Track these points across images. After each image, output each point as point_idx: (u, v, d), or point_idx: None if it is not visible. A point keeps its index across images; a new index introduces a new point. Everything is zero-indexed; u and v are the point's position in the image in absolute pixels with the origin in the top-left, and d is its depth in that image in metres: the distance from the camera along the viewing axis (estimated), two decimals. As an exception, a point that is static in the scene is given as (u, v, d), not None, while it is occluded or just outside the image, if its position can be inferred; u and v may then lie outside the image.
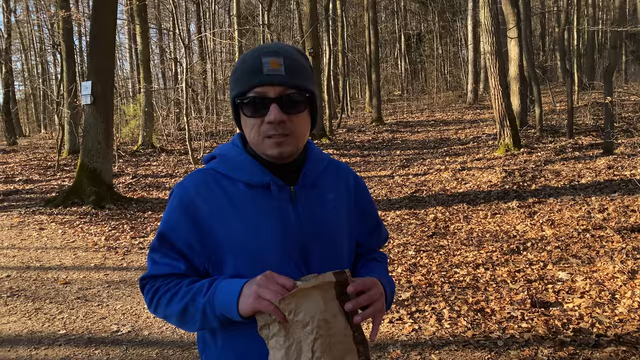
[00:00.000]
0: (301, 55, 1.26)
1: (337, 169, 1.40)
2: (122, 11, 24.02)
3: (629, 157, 9.65)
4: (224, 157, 1.30)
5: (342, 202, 1.34)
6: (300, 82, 1.20)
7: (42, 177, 12.02)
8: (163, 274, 1.27)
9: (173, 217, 1.26)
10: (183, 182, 1.30)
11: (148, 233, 6.99)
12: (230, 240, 1.21)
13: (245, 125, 1.24)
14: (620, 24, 10.30)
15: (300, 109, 1.21)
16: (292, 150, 1.22)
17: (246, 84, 1.19)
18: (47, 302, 4.65)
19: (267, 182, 1.23)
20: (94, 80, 8.76)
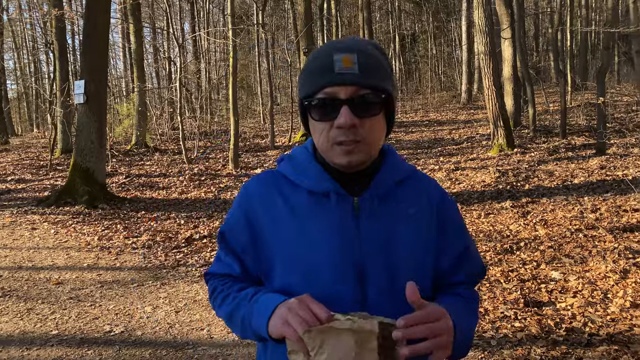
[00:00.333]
0: (378, 52, 1.14)
1: (420, 181, 1.23)
2: (115, 10, 23.92)
3: (621, 157, 9.70)
4: (292, 160, 1.22)
5: (420, 220, 1.17)
6: (376, 81, 1.08)
7: (35, 177, 11.95)
8: (220, 274, 1.25)
9: (232, 217, 1.23)
10: (249, 181, 1.25)
11: (141, 233, 6.96)
12: (281, 250, 1.14)
13: (314, 130, 1.13)
14: (612, 26, 10.35)
15: (375, 112, 1.08)
16: (363, 158, 1.10)
17: (315, 84, 1.08)
18: (39, 302, 4.62)
19: (327, 191, 1.13)
20: (87, 79, 8.72)
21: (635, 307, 3.82)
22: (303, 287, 1.07)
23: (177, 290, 4.86)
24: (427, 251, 1.16)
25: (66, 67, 15.69)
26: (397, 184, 1.18)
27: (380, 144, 1.15)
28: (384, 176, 1.16)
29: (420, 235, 1.15)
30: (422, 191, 1.20)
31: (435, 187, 1.24)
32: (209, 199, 9.02)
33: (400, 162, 1.23)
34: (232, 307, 1.16)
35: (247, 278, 1.22)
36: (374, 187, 1.14)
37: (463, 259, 1.23)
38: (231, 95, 12.15)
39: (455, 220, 1.24)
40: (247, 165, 12.18)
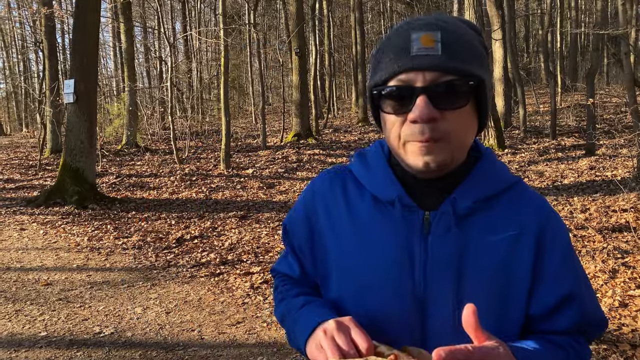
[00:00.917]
0: (469, 28, 0.93)
1: (522, 198, 0.97)
2: (106, 9, 23.78)
3: (610, 158, 9.79)
4: (363, 158, 1.06)
5: (510, 250, 0.92)
6: (463, 64, 0.86)
7: (24, 177, 11.84)
8: (282, 273, 1.16)
9: (295, 212, 1.12)
10: (318, 176, 1.11)
11: (132, 233, 6.92)
12: (338, 258, 1.00)
13: (385, 125, 0.94)
14: (602, 27, 10.43)
15: (461, 103, 0.87)
16: (443, 160, 0.88)
17: (387, 70, 0.89)
18: (28, 303, 4.58)
19: (392, 199, 0.95)
20: (76, 78, 8.66)
21: (624, 307, 3.85)
22: (355, 304, 0.96)
23: (167, 291, 4.83)
24: (513, 293, 0.92)
25: (56, 66, 15.58)
26: (488, 199, 0.95)
27: (469, 143, 0.93)
28: (470, 187, 0.94)
29: (506, 270, 0.92)
30: (520, 212, 0.95)
31: (540, 208, 0.97)
32: (200, 199, 8.98)
33: (499, 170, 0.99)
34: (284, 313, 1.07)
35: (306, 281, 1.11)
36: (454, 200, 0.92)
37: (565, 307, 0.95)
38: (222, 95, 12.12)
39: (559, 256, 0.95)
40: (238, 166, 12.15)
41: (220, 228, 7.07)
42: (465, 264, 0.91)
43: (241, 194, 9.34)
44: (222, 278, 5.14)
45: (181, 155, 13.34)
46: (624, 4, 8.96)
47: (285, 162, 12.37)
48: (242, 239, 6.50)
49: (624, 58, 8.64)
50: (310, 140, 15.63)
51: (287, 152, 13.72)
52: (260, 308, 4.37)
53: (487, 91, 0.91)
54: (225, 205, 8.48)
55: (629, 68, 8.54)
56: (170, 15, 28.15)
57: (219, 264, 5.56)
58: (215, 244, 6.33)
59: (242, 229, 7.01)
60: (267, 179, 10.61)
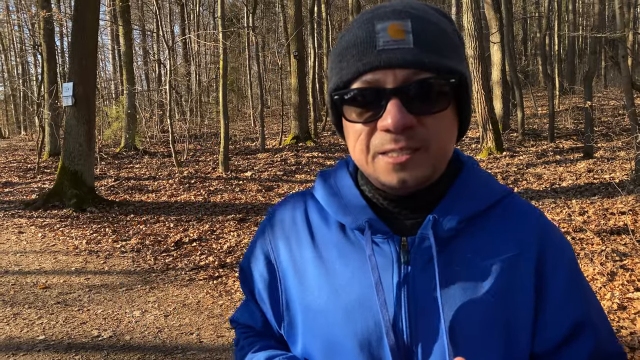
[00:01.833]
0: (441, 16, 0.77)
1: (514, 214, 0.81)
2: (105, 12, 23.82)
3: (608, 160, 9.80)
4: (325, 179, 0.88)
5: (501, 277, 0.76)
6: (441, 58, 0.71)
7: (22, 180, 11.83)
8: (242, 324, 0.98)
9: (251, 250, 0.94)
10: (274, 206, 0.95)
11: (130, 237, 6.91)
12: (302, 304, 0.83)
13: (348, 135, 0.78)
14: (599, 31, 10.47)
15: (441, 106, 0.72)
16: (423, 174, 0.74)
17: (350, 69, 0.73)
18: (26, 307, 4.57)
19: (362, 226, 0.79)
20: (75, 81, 8.66)
21: (623, 310, 3.85)
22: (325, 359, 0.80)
23: (166, 294, 4.83)
24: (517, 326, 0.77)
25: (54, 69, 15.57)
26: (475, 216, 0.79)
27: (450, 151, 0.77)
28: (453, 204, 0.78)
29: (506, 300, 0.76)
30: (515, 229, 0.80)
31: (537, 223, 0.82)
32: (199, 202, 8.98)
33: (485, 182, 0.83)
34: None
35: (270, 332, 0.93)
36: (435, 221, 0.77)
37: (577, 337, 0.79)
38: (221, 98, 12.12)
39: (565, 280, 0.79)
40: (237, 168, 12.14)
41: (219, 231, 7.07)
42: (457, 298, 0.75)
43: (240, 196, 9.34)
44: (220, 281, 5.13)
45: (180, 158, 13.34)
46: (621, 8, 9.00)
47: (284, 165, 12.37)
48: (241, 242, 6.49)
49: (621, 61, 8.67)
50: (309, 143, 15.63)
51: (286, 154, 13.73)
52: (258, 311, 4.36)
53: (469, 90, 0.76)
54: (224, 208, 8.47)
55: (627, 71, 8.56)
56: (169, 18, 28.17)
57: (217, 267, 5.56)
58: (214, 247, 6.32)
59: (241, 231, 7.01)
60: (265, 181, 10.61)
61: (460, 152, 0.87)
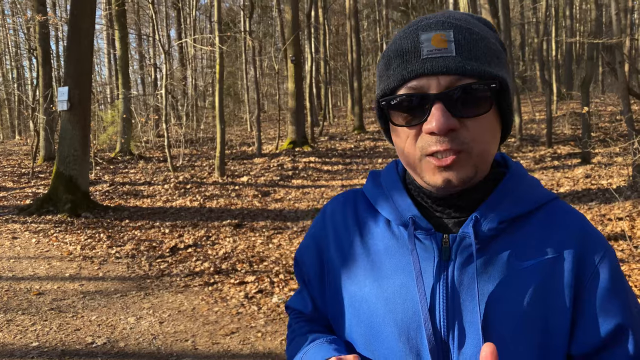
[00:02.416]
0: (483, 25, 0.83)
1: (557, 219, 0.84)
2: (101, 16, 23.80)
3: (605, 166, 9.81)
4: (375, 178, 0.95)
5: (539, 278, 0.79)
6: (482, 65, 0.76)
7: (16, 185, 11.75)
8: (295, 309, 1.06)
9: (305, 242, 1.02)
10: (329, 201, 1.01)
11: (125, 242, 6.85)
12: (349, 296, 0.89)
13: (396, 139, 0.83)
14: (596, 36, 10.49)
15: (483, 109, 0.76)
16: (466, 175, 0.78)
17: (396, 77, 0.79)
18: (20, 313, 4.51)
19: (407, 222, 0.84)
20: (70, 85, 8.61)
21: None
22: (363, 346, 0.86)
23: (161, 300, 4.77)
24: (553, 327, 0.79)
25: (50, 73, 15.52)
26: (516, 218, 0.82)
27: (492, 153, 0.82)
28: (495, 205, 0.81)
29: (543, 300, 0.79)
30: (556, 233, 0.82)
31: (579, 228, 0.83)
32: (195, 208, 8.92)
33: (529, 186, 0.86)
34: (292, 354, 0.96)
35: (320, 318, 1.00)
36: (477, 220, 0.80)
37: (616, 343, 0.80)
38: (217, 102, 12.09)
39: (605, 285, 0.81)
40: (233, 173, 12.10)
41: (215, 237, 7.01)
42: (493, 295, 0.78)
43: (236, 202, 9.29)
44: (216, 287, 5.08)
45: (175, 163, 13.28)
46: (617, 14, 9.01)
47: (280, 170, 12.33)
48: (237, 248, 6.44)
49: (618, 67, 8.67)
50: (306, 147, 15.61)
51: (283, 159, 13.69)
52: (254, 318, 4.31)
53: (510, 94, 0.82)
54: (220, 214, 8.43)
55: (623, 77, 8.57)
56: (165, 23, 28.17)
57: (213, 273, 5.51)
58: (210, 253, 6.27)
59: (237, 237, 6.96)
60: (262, 186, 10.57)
61: (509, 158, 0.91)
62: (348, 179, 11.44)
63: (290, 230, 7.26)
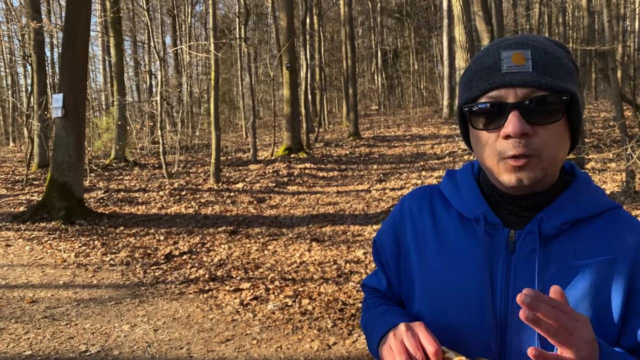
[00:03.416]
0: (557, 47, 0.93)
1: (618, 225, 0.91)
2: (96, 23, 23.78)
3: (599, 172, 9.85)
4: (452, 176, 1.08)
5: (594, 276, 0.87)
6: (555, 80, 0.87)
7: (10, 192, 11.69)
8: (370, 286, 1.18)
9: (383, 228, 1.14)
10: (407, 194, 1.13)
11: (120, 249, 6.82)
12: (421, 277, 1.01)
13: (476, 143, 0.94)
14: (589, 43, 10.57)
15: (554, 118, 0.86)
16: (536, 176, 0.87)
17: (478, 88, 0.90)
18: (13, 321, 4.47)
19: (478, 216, 0.95)
20: (65, 92, 8.60)
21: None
22: (433, 324, 0.94)
23: (155, 308, 4.75)
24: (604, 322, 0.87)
25: (44, 80, 15.47)
26: (578, 221, 0.91)
27: (561, 160, 0.91)
28: (560, 208, 0.91)
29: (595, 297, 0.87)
30: (615, 237, 0.90)
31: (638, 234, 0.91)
32: (190, 214, 8.90)
33: (593, 194, 0.94)
34: (367, 323, 1.08)
35: (392, 295, 1.13)
36: (541, 220, 0.90)
37: None
38: (213, 109, 12.09)
39: None
40: (228, 180, 12.08)
41: (210, 243, 6.99)
42: (550, 286, 0.86)
43: (231, 208, 9.27)
44: (211, 294, 5.06)
45: (170, 170, 13.26)
46: (610, 21, 9.09)
47: (276, 176, 12.33)
48: (232, 255, 6.42)
49: (611, 73, 8.73)
50: (302, 154, 15.61)
51: (278, 166, 13.69)
52: (249, 325, 4.29)
53: (580, 107, 0.91)
54: (215, 220, 8.40)
55: (616, 83, 8.63)
56: (161, 29, 28.17)
57: (208, 280, 5.48)
58: (205, 260, 6.25)
59: (232, 244, 6.94)
60: (257, 193, 10.56)
61: (577, 167, 1.01)
62: (344, 185, 11.44)
63: (285, 237, 7.25)
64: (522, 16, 27.20)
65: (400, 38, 35.08)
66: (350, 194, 10.33)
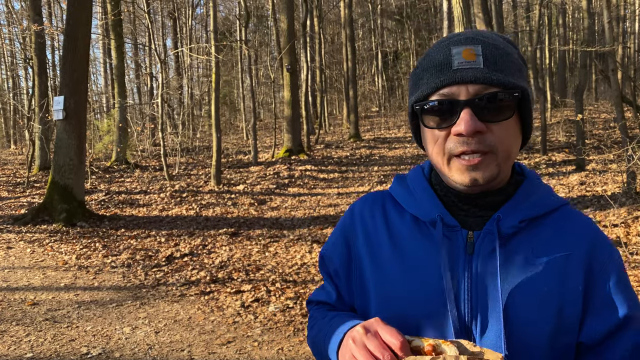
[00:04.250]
0: (507, 43, 0.92)
1: (569, 221, 0.93)
2: (97, 25, 23.83)
3: (600, 173, 9.85)
4: (402, 180, 1.04)
5: (553, 272, 0.87)
6: (506, 76, 0.85)
7: (11, 194, 11.70)
8: (317, 301, 1.12)
9: (331, 239, 1.09)
10: (357, 201, 1.09)
11: (121, 251, 6.82)
12: (377, 285, 0.96)
13: (426, 141, 0.92)
14: (589, 44, 10.57)
15: (506, 115, 0.85)
16: (491, 175, 0.86)
17: (429, 85, 0.88)
18: (14, 324, 4.47)
19: (435, 219, 0.92)
20: (66, 95, 8.61)
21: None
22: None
23: (157, 310, 4.75)
24: (566, 318, 0.87)
25: (45, 82, 15.50)
26: (534, 219, 0.91)
27: (514, 157, 0.91)
28: (516, 207, 0.90)
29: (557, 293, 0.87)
30: (567, 234, 0.91)
31: (590, 230, 0.93)
32: (191, 216, 8.90)
33: (545, 192, 0.95)
34: (315, 336, 1.01)
35: (343, 306, 1.07)
36: (499, 219, 0.89)
37: (622, 332, 0.88)
38: (213, 111, 12.10)
39: (612, 281, 0.89)
40: (229, 182, 12.09)
41: (211, 245, 7.00)
42: (513, 287, 0.86)
43: (232, 210, 9.28)
44: (212, 296, 5.06)
45: (171, 172, 13.26)
46: (610, 22, 9.09)
47: (276, 178, 12.33)
48: (233, 257, 6.43)
49: (611, 75, 8.74)
50: (302, 156, 15.62)
51: (279, 168, 13.69)
52: (251, 327, 4.29)
53: (531, 103, 0.91)
54: (216, 222, 8.41)
55: (617, 84, 8.63)
56: (161, 32, 28.21)
57: (209, 282, 5.49)
58: (206, 262, 6.25)
59: (233, 246, 6.94)
60: (258, 195, 10.56)
61: (525, 167, 1.00)
62: (344, 186, 11.44)
63: (286, 239, 7.25)
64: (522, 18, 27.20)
65: (400, 40, 35.10)
66: (351, 195, 10.33)
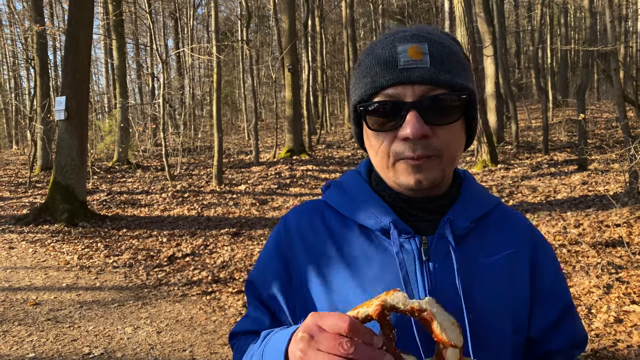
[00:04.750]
0: (453, 41, 0.89)
1: (507, 219, 0.95)
2: (98, 26, 23.84)
3: (602, 173, 9.83)
4: (338, 186, 0.96)
5: (505, 270, 0.88)
6: (453, 77, 0.82)
7: (13, 195, 11.72)
8: (245, 331, 0.98)
9: (263, 258, 0.98)
10: (287, 214, 0.99)
11: (122, 251, 6.83)
12: (328, 301, 0.88)
13: (370, 143, 0.88)
14: (591, 44, 10.56)
15: (453, 118, 0.83)
16: (435, 177, 0.84)
17: (374, 84, 0.83)
18: (16, 324, 4.49)
19: (387, 227, 0.86)
20: (68, 95, 8.62)
21: (619, 322, 3.82)
22: None
23: (158, 310, 4.76)
24: (519, 316, 0.89)
25: (47, 83, 15.53)
26: (479, 219, 0.90)
27: (458, 159, 0.88)
28: (464, 208, 0.89)
29: (511, 289, 0.88)
30: (510, 231, 0.93)
31: (528, 227, 0.96)
32: (192, 217, 8.91)
33: (483, 191, 0.96)
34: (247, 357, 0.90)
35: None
36: (451, 222, 0.87)
37: (563, 321, 0.93)
38: (215, 111, 12.11)
39: (552, 273, 0.93)
40: (231, 182, 12.09)
41: (213, 245, 7.00)
42: (472, 288, 0.84)
43: (234, 210, 9.28)
44: (214, 296, 5.06)
45: (173, 172, 13.28)
46: (612, 21, 9.08)
47: (278, 178, 12.33)
48: (235, 257, 6.43)
49: (613, 74, 8.73)
50: (304, 156, 15.62)
51: (280, 168, 13.70)
52: (253, 327, 4.29)
53: (476, 105, 0.88)
54: (218, 222, 8.41)
55: (619, 84, 8.62)
56: (163, 32, 28.25)
57: (211, 282, 5.49)
58: (207, 262, 6.26)
59: (235, 246, 6.95)
60: (260, 195, 10.56)
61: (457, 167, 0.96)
62: (346, 187, 11.43)
63: (287, 239, 7.25)
64: (523, 17, 27.18)
65: (402, 39, 35.07)
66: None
